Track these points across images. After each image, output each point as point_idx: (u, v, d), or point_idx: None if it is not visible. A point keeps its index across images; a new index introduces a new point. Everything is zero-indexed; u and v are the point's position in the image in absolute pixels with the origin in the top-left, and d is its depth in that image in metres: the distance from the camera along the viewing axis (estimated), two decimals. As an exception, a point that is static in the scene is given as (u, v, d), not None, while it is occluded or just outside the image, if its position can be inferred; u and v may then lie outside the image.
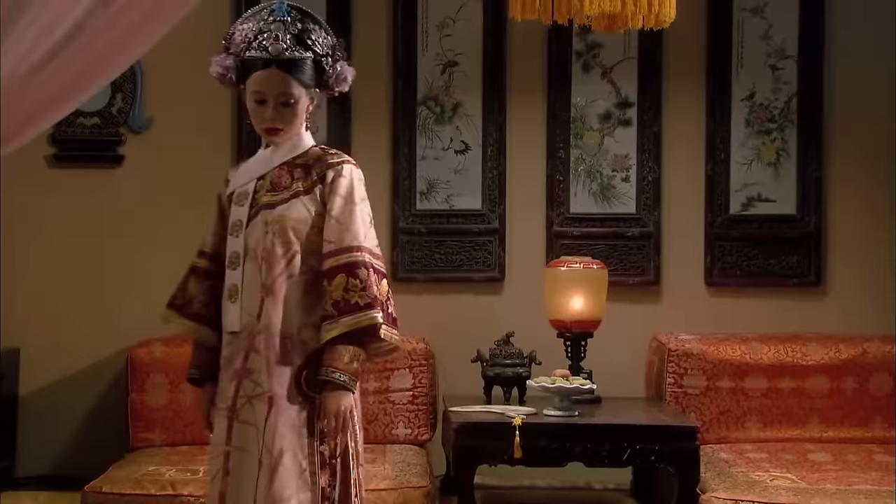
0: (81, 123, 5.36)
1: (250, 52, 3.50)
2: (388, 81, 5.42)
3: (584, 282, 4.87)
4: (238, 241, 3.50)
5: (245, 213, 3.51)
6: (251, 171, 3.58)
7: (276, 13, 3.52)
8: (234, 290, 3.49)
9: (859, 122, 5.44)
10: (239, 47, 3.53)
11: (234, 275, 3.50)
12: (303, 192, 3.50)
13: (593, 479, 5.20)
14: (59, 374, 5.30)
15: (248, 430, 3.38)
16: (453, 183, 5.43)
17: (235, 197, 3.55)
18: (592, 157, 5.46)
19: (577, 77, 5.44)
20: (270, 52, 3.47)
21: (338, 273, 3.39)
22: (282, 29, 3.51)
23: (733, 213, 5.44)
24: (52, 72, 3.48)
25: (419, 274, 5.42)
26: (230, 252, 3.51)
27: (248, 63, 3.51)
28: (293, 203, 3.49)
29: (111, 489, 4.22)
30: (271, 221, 3.48)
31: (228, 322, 3.48)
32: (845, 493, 4.22)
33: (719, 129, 5.44)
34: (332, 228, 3.44)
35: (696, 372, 4.99)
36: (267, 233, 3.47)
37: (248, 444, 3.38)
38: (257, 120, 3.53)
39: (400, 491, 4.23)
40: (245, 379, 3.41)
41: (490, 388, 4.74)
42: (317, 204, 3.49)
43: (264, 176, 3.54)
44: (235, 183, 3.58)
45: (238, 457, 3.39)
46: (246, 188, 3.54)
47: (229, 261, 3.51)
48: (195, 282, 3.59)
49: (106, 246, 5.37)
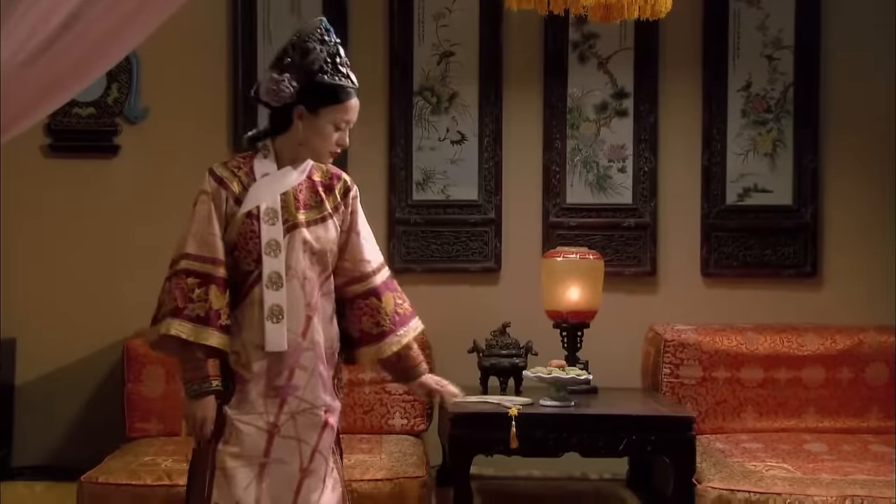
0: (77, 114, 5.36)
1: (331, 79, 3.55)
2: (384, 71, 5.42)
3: (580, 272, 4.87)
4: (277, 261, 3.52)
5: (280, 232, 3.54)
6: (274, 186, 3.58)
7: (331, 34, 3.59)
8: (279, 311, 3.51)
9: (856, 113, 5.44)
10: (309, 68, 3.55)
11: (276, 295, 3.51)
12: (331, 212, 3.61)
13: (589, 470, 5.21)
14: (56, 365, 5.30)
15: (290, 444, 3.49)
16: (449, 173, 5.43)
17: (263, 214, 3.54)
18: (589, 148, 5.46)
19: (574, 67, 5.44)
20: (353, 81, 3.59)
21: (386, 290, 3.65)
22: (344, 53, 3.61)
23: (729, 203, 5.44)
24: (49, 60, 3.46)
25: (415, 265, 5.42)
26: (269, 272, 3.51)
27: (328, 89, 3.55)
28: (328, 225, 3.61)
29: (107, 479, 4.23)
30: (311, 242, 3.56)
31: (272, 342, 3.50)
32: (841, 483, 4.23)
33: (715, 120, 5.44)
34: (366, 247, 3.67)
35: (692, 362, 4.99)
36: (305, 252, 3.55)
37: (289, 456, 3.49)
38: (327, 144, 3.58)
39: (396, 481, 4.24)
40: (290, 396, 3.50)
41: (486, 378, 4.74)
42: (340, 222, 3.64)
43: (286, 191, 3.58)
44: (257, 198, 3.56)
45: (277, 468, 3.48)
46: (272, 205, 3.55)
47: (269, 280, 3.51)
48: (218, 292, 3.50)
49: (102, 236, 5.36)
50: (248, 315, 3.53)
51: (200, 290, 3.48)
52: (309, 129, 3.57)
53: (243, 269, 3.54)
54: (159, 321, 3.51)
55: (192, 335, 3.44)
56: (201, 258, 3.51)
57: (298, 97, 3.55)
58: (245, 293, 3.55)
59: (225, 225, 3.55)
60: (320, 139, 3.58)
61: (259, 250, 3.53)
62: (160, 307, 3.54)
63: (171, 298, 3.50)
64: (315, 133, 3.57)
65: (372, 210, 3.98)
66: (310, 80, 3.54)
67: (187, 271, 3.50)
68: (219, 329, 3.47)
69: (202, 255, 3.51)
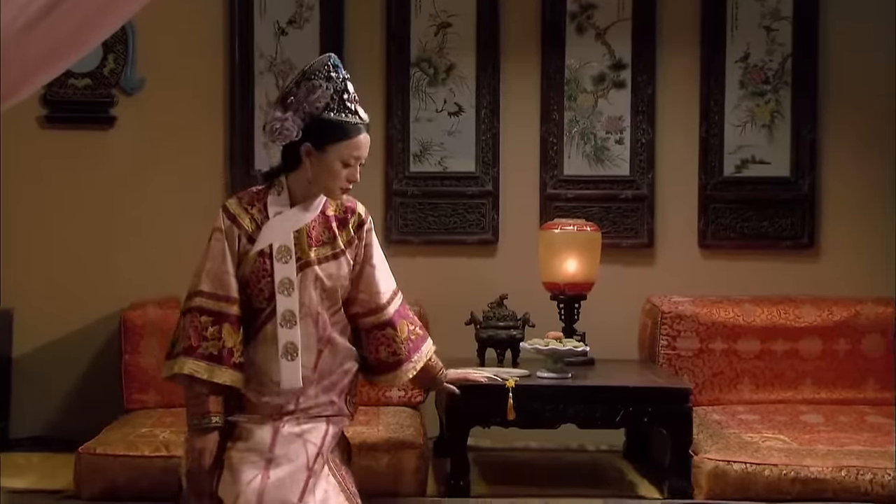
0: (73, 84, 5.34)
1: (337, 115, 3.59)
2: (381, 43, 5.40)
3: (577, 244, 4.87)
4: (290, 299, 3.59)
5: (293, 270, 3.61)
6: (287, 225, 3.64)
7: (338, 70, 3.63)
8: (293, 349, 3.60)
9: (854, 84, 5.43)
10: (314, 106, 3.59)
11: (290, 333, 3.59)
12: (344, 247, 3.69)
13: (586, 441, 5.22)
14: (53, 336, 5.30)
15: (295, 441, 3.57)
16: (447, 145, 5.42)
17: (276, 253, 3.61)
18: (586, 120, 5.44)
19: (572, 38, 5.42)
20: (362, 117, 3.62)
21: (400, 319, 3.79)
22: (353, 89, 3.64)
23: (727, 175, 5.43)
24: (49, 25, 3.45)
25: (412, 237, 5.41)
26: (283, 310, 3.59)
27: (334, 125, 3.59)
28: (341, 262, 3.69)
29: (105, 450, 4.23)
30: (322, 279, 3.64)
31: (288, 380, 3.60)
32: (837, 454, 4.24)
33: (713, 91, 5.43)
34: (380, 278, 3.77)
35: (689, 334, 4.99)
36: (317, 290, 3.64)
37: (295, 453, 3.55)
38: (337, 180, 3.63)
39: (393, 453, 4.24)
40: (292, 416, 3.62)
41: (483, 350, 4.75)
42: (353, 256, 3.72)
43: (299, 229, 3.64)
44: (270, 237, 3.62)
45: (283, 464, 3.53)
46: (285, 243, 3.62)
47: (283, 319, 3.59)
48: (231, 330, 3.57)
49: (98, 208, 5.36)
50: (262, 351, 3.62)
51: (214, 328, 3.56)
52: (317, 166, 3.61)
53: (255, 306, 3.63)
54: (174, 358, 3.60)
55: (206, 374, 3.53)
56: (215, 296, 3.58)
57: (305, 135, 3.59)
58: (258, 329, 3.64)
59: (238, 262, 3.62)
60: (329, 176, 3.62)
61: (271, 288, 3.60)
62: (175, 344, 3.62)
63: (186, 336, 3.58)
64: (324, 170, 3.62)
65: (369, 182, 3.99)
66: (316, 117, 3.58)
67: (201, 309, 3.57)
68: (232, 367, 3.56)
69: (216, 292, 3.58)
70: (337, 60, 3.65)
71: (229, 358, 3.56)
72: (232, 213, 3.66)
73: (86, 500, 4.19)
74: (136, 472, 4.16)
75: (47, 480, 4.45)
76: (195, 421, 3.56)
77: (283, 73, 5.31)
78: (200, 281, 3.60)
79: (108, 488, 4.17)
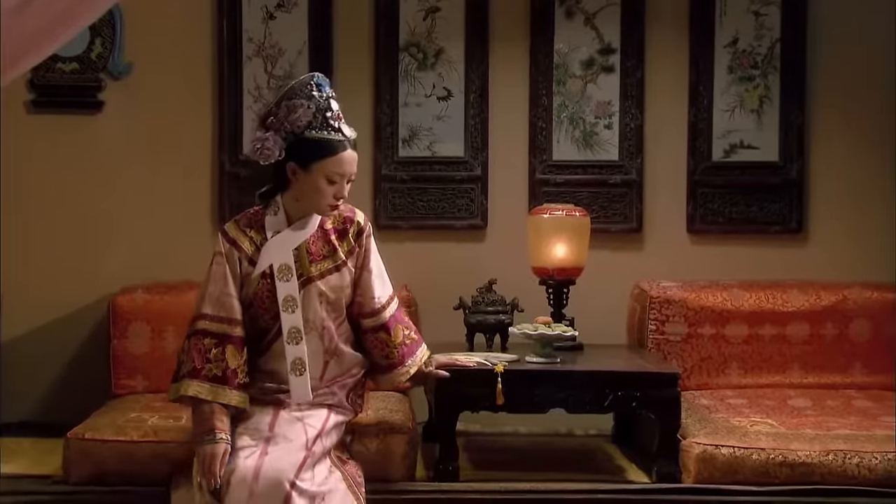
0: (60, 69, 5.31)
1: (319, 133, 3.64)
2: (370, 28, 5.38)
3: (566, 229, 4.87)
4: (294, 316, 3.68)
5: (295, 288, 3.69)
6: (286, 244, 3.72)
7: (322, 89, 3.68)
8: (301, 364, 3.70)
9: (843, 69, 5.43)
10: (295, 124, 3.63)
11: (297, 349, 3.69)
12: (345, 258, 3.78)
13: (575, 426, 5.23)
14: (41, 321, 5.29)
15: (295, 423, 3.65)
16: (436, 130, 5.41)
17: (277, 272, 3.68)
18: (575, 104, 5.44)
19: (560, 23, 5.41)
20: (345, 134, 3.67)
21: (395, 324, 3.90)
22: (337, 107, 3.70)
23: (716, 160, 5.44)
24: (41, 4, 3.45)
25: (401, 221, 5.41)
26: (289, 327, 3.68)
27: (317, 144, 3.64)
28: (343, 273, 3.79)
29: (94, 435, 4.22)
30: (326, 292, 3.75)
31: (298, 395, 3.71)
32: (824, 438, 4.25)
33: (702, 76, 5.43)
34: (376, 284, 3.87)
35: (677, 319, 5.00)
36: (321, 304, 3.74)
37: (293, 433, 3.63)
38: (324, 198, 3.69)
39: (382, 437, 4.24)
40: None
41: (472, 335, 4.75)
42: (354, 263, 3.82)
43: (298, 245, 3.72)
44: (270, 258, 3.70)
45: (281, 442, 3.60)
46: (286, 262, 3.69)
47: (289, 336, 3.68)
48: (234, 351, 3.66)
49: (86, 193, 5.34)
50: (272, 366, 3.73)
51: (217, 350, 3.64)
52: (304, 184, 3.68)
53: (261, 325, 3.73)
54: (178, 380, 3.68)
55: (210, 395, 3.62)
56: (218, 318, 3.67)
57: (290, 154, 3.65)
58: (266, 347, 3.75)
59: (241, 285, 3.70)
60: (315, 194, 3.69)
61: (276, 308, 3.69)
62: (180, 367, 3.71)
63: (190, 359, 3.66)
64: (310, 188, 3.69)
65: (358, 167, 3.98)
66: (298, 135, 3.63)
67: (204, 332, 3.67)
68: (236, 387, 3.65)
69: (219, 315, 3.67)
70: (321, 79, 3.71)
71: (233, 379, 3.64)
72: (231, 236, 3.73)
73: (74, 484, 4.18)
74: (125, 457, 4.15)
75: (36, 465, 4.45)
76: (201, 438, 3.63)
77: (272, 58, 5.30)
78: (203, 304, 3.69)
79: (96, 473, 4.16)
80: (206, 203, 5.35)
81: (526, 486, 4.24)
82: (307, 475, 3.55)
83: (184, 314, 4.28)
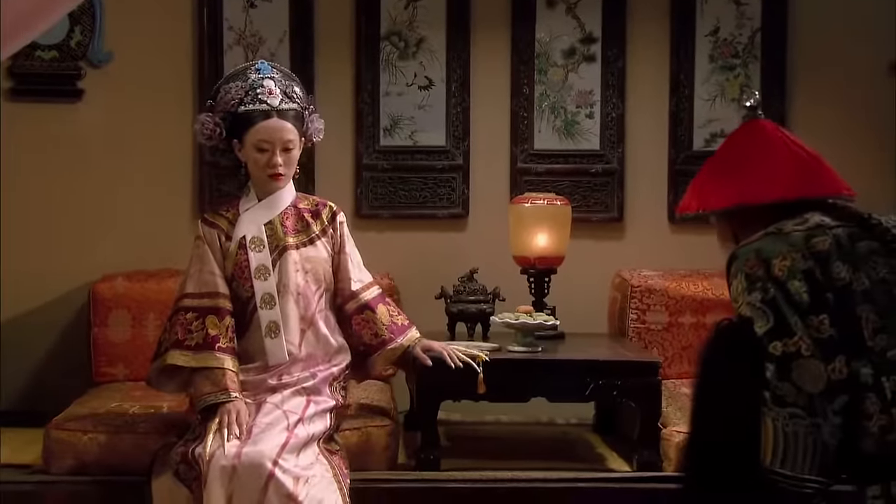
0: (39, 57, 5.28)
1: (246, 107, 3.80)
2: (350, 16, 5.37)
3: (547, 218, 4.87)
4: (267, 283, 3.81)
5: (267, 258, 3.82)
6: (257, 218, 3.88)
7: (261, 72, 3.86)
8: (275, 327, 3.81)
9: (823, 58, 5.44)
10: (229, 104, 3.82)
11: (271, 313, 3.80)
12: (319, 234, 3.92)
13: (556, 415, 5.23)
14: (21, 309, 5.26)
15: (276, 412, 3.71)
16: (417, 119, 5.41)
17: (249, 243, 3.83)
18: (556, 94, 5.44)
19: (542, 12, 5.41)
20: (270, 104, 3.79)
21: (378, 303, 4.01)
22: (272, 84, 3.83)
23: (696, 149, 5.44)
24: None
25: (383, 210, 5.40)
26: (262, 293, 3.80)
27: (244, 116, 3.80)
28: (318, 245, 3.91)
29: (74, 426, 4.21)
30: (302, 261, 3.86)
31: (273, 356, 3.80)
32: (804, 427, 4.26)
33: (683, 65, 5.43)
34: (354, 268, 4.00)
35: (658, 308, 5.01)
36: (298, 271, 3.85)
37: (276, 421, 3.68)
38: (261, 167, 3.84)
39: (364, 428, 4.23)
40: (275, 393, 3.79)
41: (454, 324, 4.75)
42: (330, 245, 3.94)
43: (270, 220, 3.86)
44: (242, 230, 3.85)
45: (264, 430, 3.64)
46: (258, 234, 3.84)
47: (262, 301, 3.80)
48: (215, 321, 3.76)
49: (66, 181, 5.32)
50: (251, 338, 3.82)
51: (198, 321, 3.77)
52: (247, 159, 3.87)
53: (243, 296, 3.83)
54: (161, 355, 3.80)
55: (193, 361, 3.73)
56: (199, 295, 3.81)
57: (230, 133, 3.85)
58: (248, 320, 3.84)
59: (223, 259, 3.84)
60: (254, 165, 3.86)
61: (252, 277, 3.82)
62: (161, 344, 3.83)
63: (172, 333, 3.79)
64: (250, 161, 3.87)
65: (339, 156, 4.00)
66: (233, 114, 3.82)
67: (187, 308, 3.80)
68: (218, 351, 3.74)
69: (200, 291, 3.81)
70: (263, 65, 3.90)
71: (215, 343, 3.73)
72: (209, 219, 3.92)
73: (55, 474, 4.16)
74: (106, 448, 4.14)
75: (16, 455, 4.43)
76: (215, 396, 3.69)
77: (252, 47, 5.28)
78: (186, 285, 3.85)
79: (77, 464, 4.14)
80: (187, 191, 5.33)
81: (507, 475, 4.24)
82: (290, 457, 3.57)
83: (164, 302, 4.30)
